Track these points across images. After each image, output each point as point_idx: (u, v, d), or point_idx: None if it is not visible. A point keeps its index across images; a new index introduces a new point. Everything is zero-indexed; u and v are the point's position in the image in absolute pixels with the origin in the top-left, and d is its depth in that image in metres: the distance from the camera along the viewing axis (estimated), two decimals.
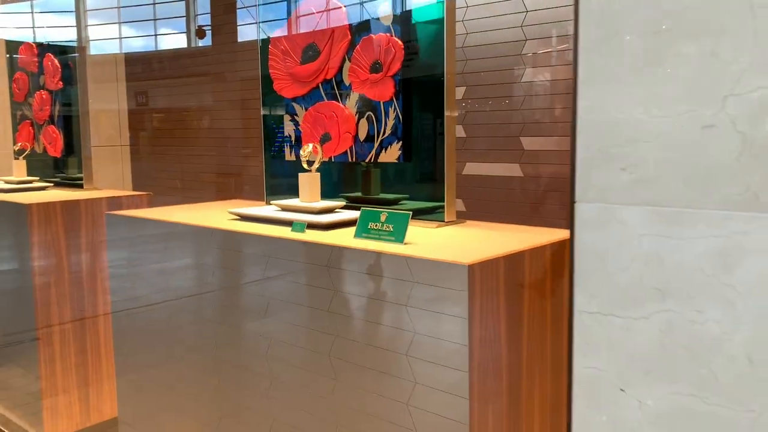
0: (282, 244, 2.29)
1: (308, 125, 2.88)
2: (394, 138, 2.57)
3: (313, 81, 2.84)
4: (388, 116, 2.57)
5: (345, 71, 2.71)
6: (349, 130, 2.72)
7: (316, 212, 2.57)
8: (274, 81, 3.01)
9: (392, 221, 2.11)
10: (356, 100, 2.68)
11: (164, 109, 5.37)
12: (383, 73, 2.55)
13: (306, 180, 2.67)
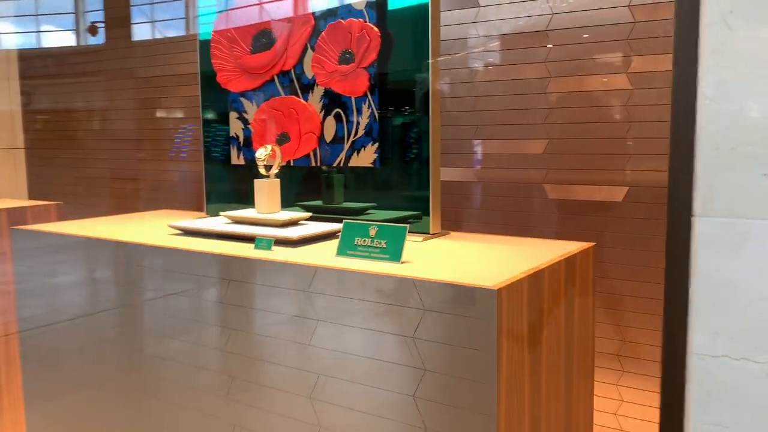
0: (245, 265, 1.90)
1: (260, 124, 2.50)
2: (368, 139, 2.25)
3: (266, 73, 2.46)
4: (361, 114, 2.25)
5: (307, 62, 2.35)
6: (312, 130, 2.37)
7: (279, 225, 2.20)
8: (218, 73, 2.60)
9: (385, 236, 1.78)
10: (321, 96, 2.34)
11: (62, 109, 4.73)
12: (355, 65, 2.23)
13: (264, 187, 2.29)
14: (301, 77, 2.38)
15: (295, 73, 2.39)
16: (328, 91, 2.31)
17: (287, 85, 2.42)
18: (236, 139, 2.60)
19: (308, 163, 2.42)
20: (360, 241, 1.82)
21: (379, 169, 2.26)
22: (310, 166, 2.43)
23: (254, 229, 2.17)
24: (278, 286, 1.82)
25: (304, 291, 1.76)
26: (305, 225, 2.24)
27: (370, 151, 2.25)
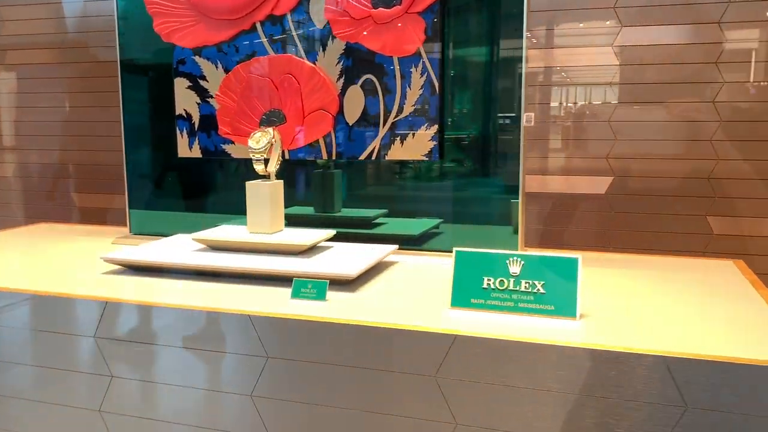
0: (299, 331, 1.11)
1: (231, 97, 1.66)
2: (420, 120, 1.52)
3: (242, 19, 1.62)
4: (410, 82, 1.52)
5: (316, 2, 1.56)
6: (324, 106, 1.58)
7: (300, 252, 1.41)
8: (156, 18, 1.69)
9: (541, 273, 1.10)
10: (340, 54, 1.56)
11: None
12: (403, 7, 1.49)
13: (265, 193, 1.47)
14: (303, 25, 1.58)
15: (292, 19, 1.59)
16: (354, 47, 1.55)
17: (279, 38, 1.61)
18: (185, 120, 1.72)
19: (315, 155, 1.63)
20: (490, 283, 1.12)
21: (436, 164, 1.55)
22: (317, 160, 1.64)
23: (260, 261, 1.36)
24: (385, 368, 1.06)
25: (432, 376, 1.02)
26: (332, 247, 1.47)
27: (423, 138, 1.53)
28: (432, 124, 1.51)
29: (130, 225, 1.83)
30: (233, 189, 1.76)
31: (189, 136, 1.73)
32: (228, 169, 1.75)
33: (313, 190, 1.68)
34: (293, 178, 1.70)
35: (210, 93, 1.69)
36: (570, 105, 1.88)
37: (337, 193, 1.69)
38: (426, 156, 1.53)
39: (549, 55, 1.87)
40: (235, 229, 1.53)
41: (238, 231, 1.51)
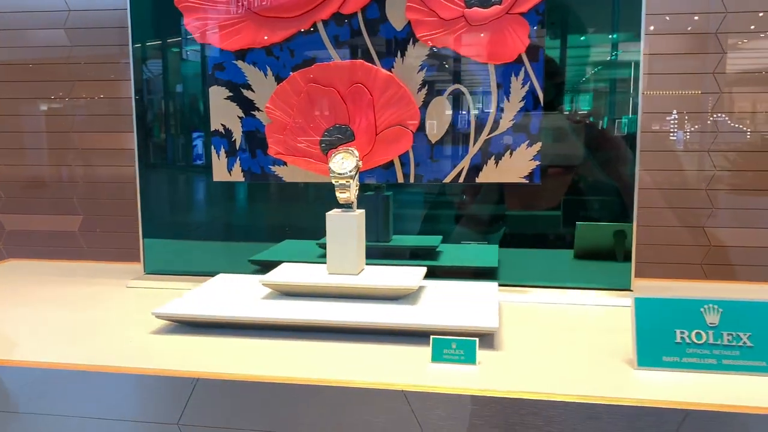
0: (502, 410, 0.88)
1: (288, 109, 1.39)
2: (520, 137, 1.32)
3: (301, 17, 1.36)
4: (508, 94, 1.31)
5: (392, 1, 1.33)
6: (402, 120, 1.35)
7: (402, 295, 1.17)
8: (188, 15, 1.40)
9: None
10: (422, 61, 1.34)
11: None
12: (503, 6, 1.28)
13: (352, 226, 1.21)
14: (377, 27, 1.34)
15: (364, 18, 1.35)
16: (440, 52, 1.33)
17: (346, 41, 1.36)
18: (223, 137, 1.44)
19: (390, 179, 1.39)
20: (684, 336, 0.93)
21: (536, 186, 1.35)
22: (391, 184, 1.40)
23: (359, 310, 1.11)
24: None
25: None
26: (425, 288, 1.24)
27: (523, 157, 1.33)
28: (534, 142, 1.32)
29: (145, 263, 1.51)
30: (258, 211, 1.49)
31: (228, 156, 1.44)
32: (236, 192, 1.48)
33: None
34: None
35: (257, 105, 1.41)
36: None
37: (390, 219, 1.46)
38: (526, 178, 1.33)
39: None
40: (308, 270, 1.27)
41: (314, 272, 1.25)
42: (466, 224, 1.43)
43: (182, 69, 1.48)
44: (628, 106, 1.30)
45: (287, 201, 1.49)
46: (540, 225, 1.40)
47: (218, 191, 1.48)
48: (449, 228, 1.43)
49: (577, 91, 1.32)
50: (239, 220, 1.53)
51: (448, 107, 1.34)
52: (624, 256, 1.35)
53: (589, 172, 1.35)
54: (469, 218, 1.43)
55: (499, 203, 1.40)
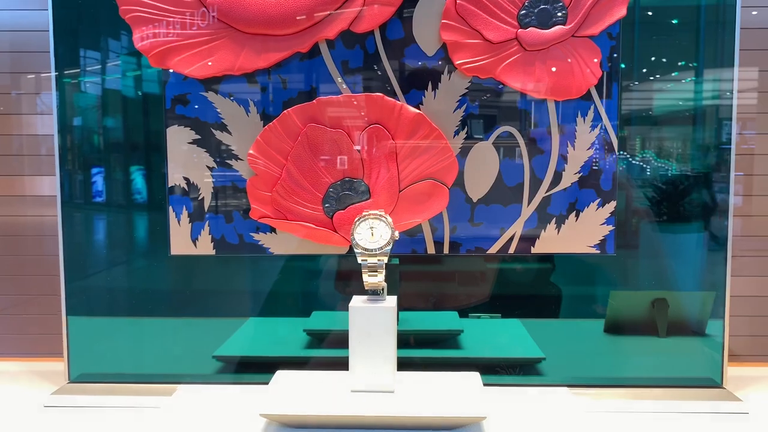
0: None
1: (278, 157, 1.03)
2: (589, 194, 1.02)
3: (299, 36, 1.01)
4: (574, 137, 1.02)
5: (421, 18, 1.01)
6: (435, 173, 1.02)
7: (474, 424, 0.82)
8: (138, 29, 1.02)
9: None
10: (461, 95, 1.02)
11: None
12: (570, 28, 0.99)
13: (391, 322, 0.86)
14: (401, 50, 1.02)
15: (383, 39, 1.02)
16: (485, 84, 1.01)
17: (359, 69, 1.02)
18: (185, 195, 1.05)
19: (418, 249, 1.05)
20: None
21: (610, 258, 1.05)
22: (418, 255, 1.06)
23: None
24: None
25: None
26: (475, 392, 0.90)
27: (593, 220, 1.03)
28: (608, 200, 1.02)
29: (69, 368, 1.08)
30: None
31: (192, 221, 1.06)
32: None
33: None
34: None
35: (235, 152, 1.04)
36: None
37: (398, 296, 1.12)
38: (596, 247, 1.03)
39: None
40: (320, 385, 0.90)
41: (331, 388, 0.88)
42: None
43: (123, 97, 1.09)
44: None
45: (250, 263, 1.12)
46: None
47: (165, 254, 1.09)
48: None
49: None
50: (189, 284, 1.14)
51: (495, 155, 1.03)
52: (673, 329, 1.07)
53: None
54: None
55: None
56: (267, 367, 1.02)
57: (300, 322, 1.13)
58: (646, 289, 1.11)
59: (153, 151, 1.07)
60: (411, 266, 1.09)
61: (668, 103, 1.05)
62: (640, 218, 1.06)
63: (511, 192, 1.03)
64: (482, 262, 1.09)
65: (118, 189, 1.10)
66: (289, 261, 1.09)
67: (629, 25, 1.01)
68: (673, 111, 1.05)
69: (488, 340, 1.12)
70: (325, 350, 1.09)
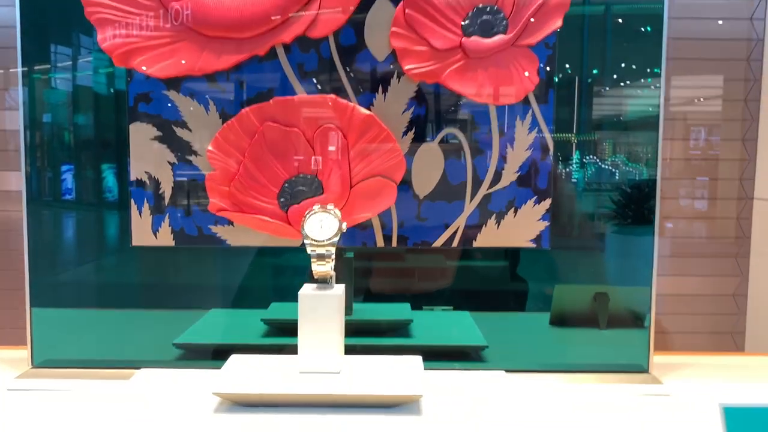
0: None
1: (236, 153, 1.08)
2: (526, 192, 1.10)
3: (257, 39, 1.07)
4: (513, 140, 1.09)
5: (373, 24, 1.08)
6: (384, 170, 1.09)
7: (412, 402, 0.89)
8: (103, 30, 1.07)
9: None
10: (409, 98, 1.09)
11: None
12: (510, 37, 1.07)
13: (337, 308, 0.93)
14: (354, 55, 1.08)
15: (337, 44, 1.08)
16: (431, 89, 1.08)
17: (314, 72, 1.09)
18: (147, 189, 1.10)
19: (368, 242, 1.12)
20: None
21: (546, 252, 1.13)
22: (369, 249, 1.13)
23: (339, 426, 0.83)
24: None
25: None
26: None
27: (530, 216, 1.10)
28: (543, 198, 1.10)
29: (33, 355, 1.13)
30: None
31: (153, 213, 1.11)
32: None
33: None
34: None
35: (194, 148, 1.10)
36: None
37: (352, 288, 1.19)
38: (533, 241, 1.11)
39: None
40: (271, 367, 0.96)
41: (280, 370, 0.94)
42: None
43: (89, 94, 1.14)
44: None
45: (211, 253, 1.18)
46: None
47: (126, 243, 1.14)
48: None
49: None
50: (153, 277, 1.19)
51: (440, 155, 1.10)
52: (613, 322, 1.16)
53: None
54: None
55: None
56: (224, 354, 1.07)
57: (259, 312, 1.19)
58: (588, 283, 1.20)
59: (117, 147, 1.12)
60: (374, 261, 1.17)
61: (604, 109, 1.13)
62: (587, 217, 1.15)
63: (454, 189, 1.11)
64: (442, 258, 1.17)
65: (83, 185, 1.15)
66: (246, 253, 1.16)
67: (572, 33, 1.09)
68: (608, 116, 1.14)
69: (436, 330, 1.20)
70: (280, 338, 1.15)
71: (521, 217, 1.11)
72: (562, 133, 1.10)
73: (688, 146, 1.78)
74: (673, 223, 1.79)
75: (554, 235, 1.11)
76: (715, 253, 1.80)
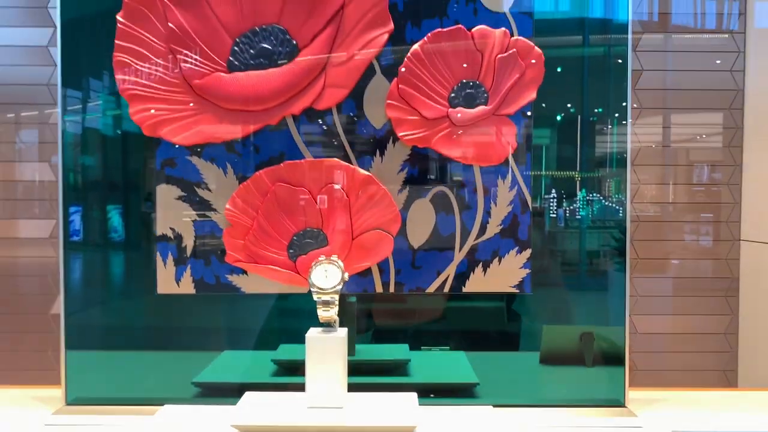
0: None
1: (251, 210, 1.23)
2: (508, 243, 1.23)
3: (269, 111, 1.22)
4: (494, 197, 1.23)
5: (372, 96, 1.23)
6: (382, 224, 1.23)
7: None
8: (135, 104, 1.22)
9: None
10: (403, 161, 1.23)
11: None
12: (490, 108, 1.22)
13: (341, 350, 1.05)
14: (354, 124, 1.23)
15: (339, 115, 1.23)
16: (423, 152, 1.23)
17: (319, 137, 1.24)
18: (171, 242, 1.24)
19: (368, 288, 1.25)
20: None
21: (528, 296, 1.25)
22: (366, 294, 1.26)
23: None
24: None
25: None
26: None
27: (513, 264, 1.24)
28: (524, 248, 1.23)
29: (67, 393, 1.25)
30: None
31: (177, 264, 1.25)
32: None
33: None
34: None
35: (214, 206, 1.24)
36: None
37: (354, 329, 1.31)
38: (516, 287, 1.24)
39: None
40: (282, 403, 1.08)
41: (290, 405, 1.06)
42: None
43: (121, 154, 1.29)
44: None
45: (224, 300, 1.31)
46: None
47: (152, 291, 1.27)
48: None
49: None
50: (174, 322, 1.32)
51: (432, 210, 1.24)
52: (598, 360, 1.27)
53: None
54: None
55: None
56: (239, 392, 1.19)
57: (268, 353, 1.31)
58: (575, 324, 1.32)
59: (146, 200, 1.27)
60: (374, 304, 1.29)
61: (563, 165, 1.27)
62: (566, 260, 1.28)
63: (445, 240, 1.24)
64: (440, 300, 1.30)
65: (106, 231, 1.29)
66: (259, 300, 1.29)
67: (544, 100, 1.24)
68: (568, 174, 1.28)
69: (432, 369, 1.31)
70: (289, 377, 1.27)
71: (505, 265, 1.24)
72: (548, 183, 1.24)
73: (676, 190, 1.92)
74: (664, 264, 1.92)
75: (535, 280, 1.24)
76: (706, 292, 1.92)
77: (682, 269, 1.91)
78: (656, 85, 1.91)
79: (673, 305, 1.92)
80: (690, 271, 1.92)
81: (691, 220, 1.93)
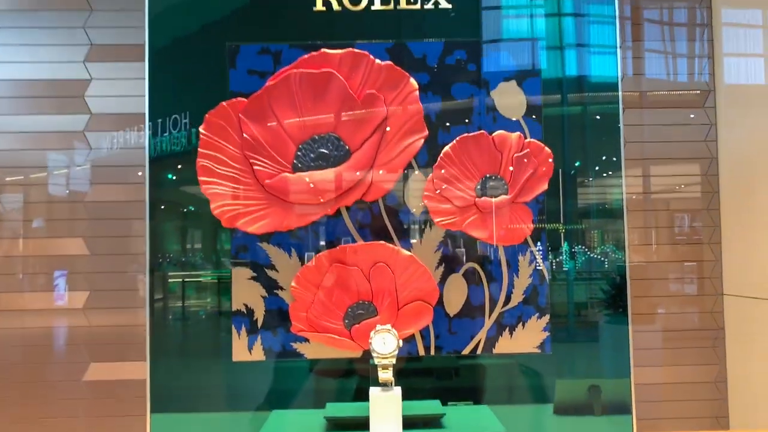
0: None
1: (312, 287, 1.45)
2: (529, 310, 1.46)
3: (327, 204, 1.48)
4: (517, 271, 1.46)
5: (412, 189, 1.48)
6: (423, 296, 1.45)
7: None
8: (214, 200, 1.47)
9: None
10: (439, 242, 1.47)
11: None
12: (510, 197, 1.47)
13: (398, 407, 1.25)
14: (397, 212, 1.48)
15: (385, 205, 1.48)
16: (455, 234, 1.47)
17: (368, 224, 1.48)
18: (245, 316, 1.46)
19: (412, 351, 1.46)
20: None
21: (548, 356, 1.47)
22: (413, 357, 1.47)
23: None
24: None
25: None
26: None
27: (534, 328, 1.46)
28: (543, 314, 1.46)
29: None
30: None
31: (249, 334, 1.46)
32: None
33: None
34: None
35: (280, 284, 1.47)
36: None
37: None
38: (538, 348, 1.46)
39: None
40: None
41: None
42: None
43: None
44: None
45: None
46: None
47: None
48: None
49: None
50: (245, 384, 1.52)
51: (464, 283, 1.47)
52: (606, 410, 1.47)
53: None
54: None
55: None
56: None
57: (315, 412, 1.50)
58: (583, 377, 1.52)
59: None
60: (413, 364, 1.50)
61: (573, 242, 1.51)
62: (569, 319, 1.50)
63: (476, 309, 1.46)
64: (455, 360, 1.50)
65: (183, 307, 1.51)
66: (316, 363, 1.49)
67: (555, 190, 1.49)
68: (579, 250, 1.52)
69: (462, 421, 1.50)
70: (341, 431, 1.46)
71: (528, 329, 1.46)
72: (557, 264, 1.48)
73: (660, 250, 2.14)
74: (652, 319, 2.12)
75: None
76: (694, 344, 2.10)
77: (668, 321, 2.10)
78: (635, 138, 2.10)
79: (663, 356, 2.10)
80: (677, 323, 2.11)
81: (675, 277, 2.13)
